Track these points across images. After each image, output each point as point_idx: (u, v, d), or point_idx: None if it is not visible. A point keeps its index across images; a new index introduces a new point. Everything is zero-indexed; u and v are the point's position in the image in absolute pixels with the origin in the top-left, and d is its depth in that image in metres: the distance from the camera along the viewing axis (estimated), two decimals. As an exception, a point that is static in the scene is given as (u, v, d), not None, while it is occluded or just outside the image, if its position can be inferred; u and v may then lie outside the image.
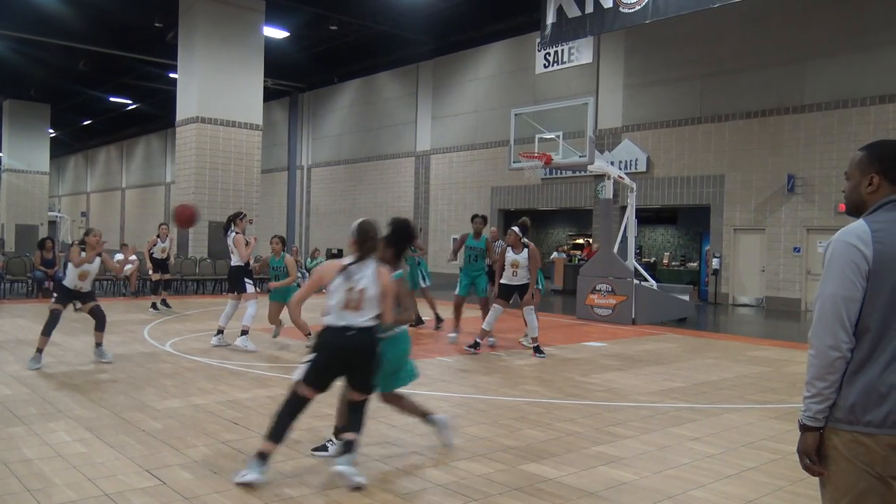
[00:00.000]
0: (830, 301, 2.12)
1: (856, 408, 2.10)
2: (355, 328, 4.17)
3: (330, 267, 4.30)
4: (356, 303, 4.18)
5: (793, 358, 9.61)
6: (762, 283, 17.95)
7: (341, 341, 4.19)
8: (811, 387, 2.16)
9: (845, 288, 2.10)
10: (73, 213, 53.25)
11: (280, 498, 3.93)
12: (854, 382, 2.11)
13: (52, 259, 15.60)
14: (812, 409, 2.17)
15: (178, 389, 6.63)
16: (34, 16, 21.57)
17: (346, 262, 4.27)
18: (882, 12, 15.87)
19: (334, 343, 4.22)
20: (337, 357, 4.25)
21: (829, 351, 2.11)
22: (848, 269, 2.11)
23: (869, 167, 2.24)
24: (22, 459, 4.45)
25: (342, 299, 4.18)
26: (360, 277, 4.20)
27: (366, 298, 4.20)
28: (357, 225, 4.33)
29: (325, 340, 4.27)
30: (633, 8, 15.03)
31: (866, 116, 16.04)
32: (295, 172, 33.79)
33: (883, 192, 2.21)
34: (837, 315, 2.10)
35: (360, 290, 4.18)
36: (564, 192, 22.51)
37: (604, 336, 11.30)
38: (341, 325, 4.18)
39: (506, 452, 4.88)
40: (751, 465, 4.78)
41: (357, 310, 4.18)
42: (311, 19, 23.24)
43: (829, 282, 2.14)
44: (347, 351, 4.22)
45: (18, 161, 36.00)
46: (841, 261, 2.13)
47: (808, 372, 2.18)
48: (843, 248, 2.14)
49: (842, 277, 2.11)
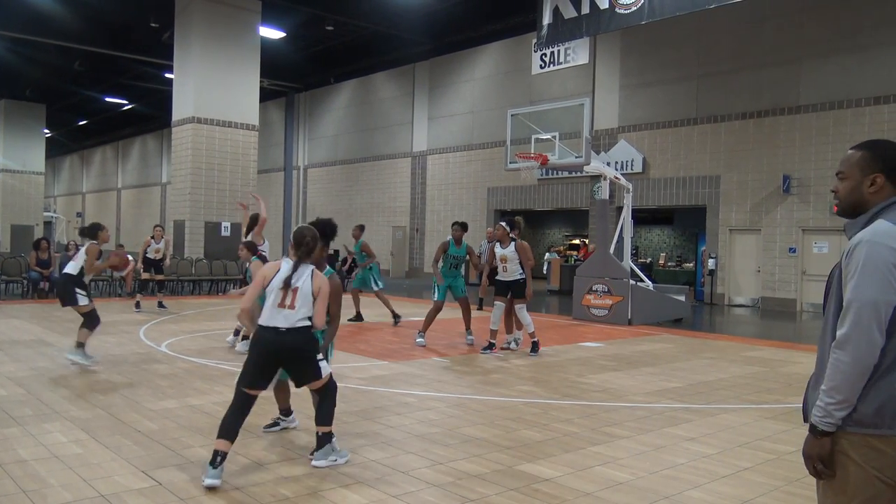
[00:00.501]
0: (872, 307, 2.01)
1: (883, 410, 2.04)
2: (286, 328, 4.26)
3: (272, 267, 4.42)
4: (291, 302, 4.29)
5: (789, 358, 9.63)
6: (758, 283, 17.99)
7: (273, 340, 4.27)
8: (837, 393, 2.07)
9: (886, 292, 2.01)
10: (68, 213, 53.11)
11: (276, 498, 3.93)
12: (880, 385, 2.05)
13: (48, 259, 15.55)
14: (835, 416, 2.08)
15: (174, 390, 6.62)
16: (30, 16, 21.52)
17: (284, 263, 4.43)
18: (877, 13, 15.92)
19: (266, 341, 4.29)
20: (270, 355, 4.32)
21: (868, 358, 2.02)
22: (889, 272, 2.01)
23: (871, 167, 2.17)
24: (17, 460, 4.44)
25: (277, 299, 4.29)
26: (297, 278, 4.33)
27: (299, 298, 4.30)
28: (295, 230, 4.51)
29: (259, 340, 4.33)
30: (629, 9, 15.06)
31: (861, 117, 16.10)
32: (291, 173, 33.77)
33: (885, 192, 2.15)
34: (878, 320, 2.01)
35: (294, 289, 4.30)
36: (561, 192, 22.53)
37: (600, 336, 11.32)
38: (273, 325, 4.27)
39: (502, 453, 4.88)
40: (747, 465, 4.79)
41: (291, 309, 4.28)
42: (308, 19, 23.23)
43: (867, 286, 2.03)
44: (280, 349, 4.29)
45: (14, 161, 35.89)
46: (881, 264, 2.02)
47: (834, 378, 2.07)
48: (881, 251, 2.02)
49: (882, 282, 2.01)
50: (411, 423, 5.62)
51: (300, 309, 4.29)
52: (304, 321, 4.31)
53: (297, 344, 4.30)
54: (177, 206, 21.34)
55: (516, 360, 8.92)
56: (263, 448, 4.84)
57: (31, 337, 9.75)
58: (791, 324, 14.83)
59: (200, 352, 8.86)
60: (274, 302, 4.28)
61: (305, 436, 5.14)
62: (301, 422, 5.40)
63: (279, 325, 4.25)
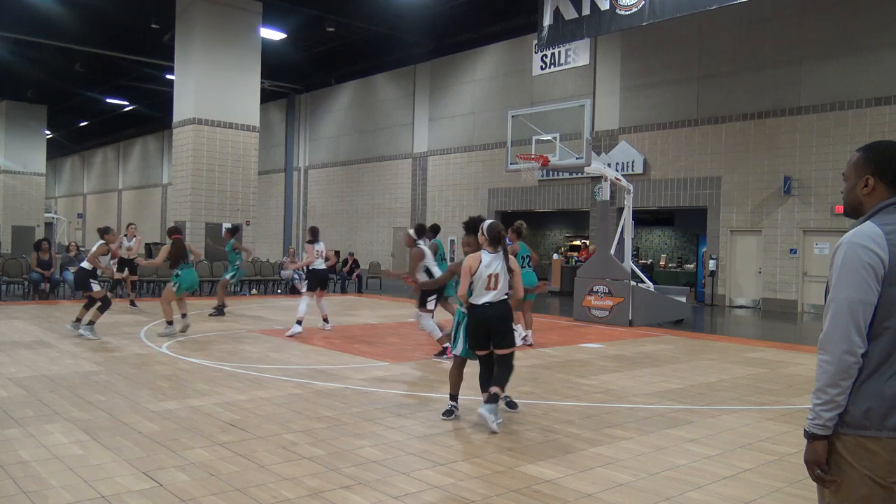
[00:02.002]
0: (847, 305, 2.06)
1: (871, 412, 2.05)
2: (492, 302, 5.48)
3: (475, 258, 5.53)
4: (494, 284, 5.49)
5: (790, 359, 9.62)
6: (759, 284, 17.98)
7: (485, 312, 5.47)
8: (822, 394, 2.09)
9: (861, 292, 2.05)
10: (69, 214, 53.18)
11: (277, 499, 3.92)
12: (869, 387, 2.07)
13: (49, 260, 15.56)
14: (823, 416, 2.10)
15: (175, 391, 6.62)
16: (31, 17, 21.55)
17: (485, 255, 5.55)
18: (878, 15, 15.92)
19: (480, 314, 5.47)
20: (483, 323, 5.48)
21: (846, 356, 2.05)
22: (864, 272, 2.05)
23: (864, 169, 2.22)
24: (18, 461, 4.44)
25: (485, 283, 5.48)
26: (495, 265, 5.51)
27: (500, 279, 5.51)
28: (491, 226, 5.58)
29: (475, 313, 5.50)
30: (630, 10, 15.07)
31: (862, 118, 16.09)
32: (292, 174, 33.79)
33: (879, 193, 2.19)
34: (854, 320, 2.05)
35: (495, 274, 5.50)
36: (561, 193, 22.53)
37: (601, 338, 11.31)
38: (483, 301, 5.47)
39: (503, 454, 4.88)
40: (748, 466, 4.79)
41: (494, 289, 5.48)
42: (308, 21, 23.25)
43: (843, 286, 2.08)
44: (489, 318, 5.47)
45: (15, 162, 35.94)
46: (856, 264, 2.06)
47: (820, 379, 2.10)
48: (857, 250, 2.07)
49: (858, 281, 2.05)
50: (412, 425, 5.62)
51: (501, 287, 5.46)
52: (503, 296, 5.49)
53: (502, 314, 5.49)
54: (178, 207, 21.35)
55: (517, 361, 8.90)
56: (265, 449, 4.84)
57: (32, 338, 9.75)
58: (792, 325, 14.82)
59: (201, 353, 8.86)
60: (482, 285, 5.44)
61: (306, 437, 5.14)
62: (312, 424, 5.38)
63: (489, 300, 5.43)
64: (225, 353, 8.92)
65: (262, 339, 9.86)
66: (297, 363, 8.33)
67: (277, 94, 32.57)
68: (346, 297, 18.99)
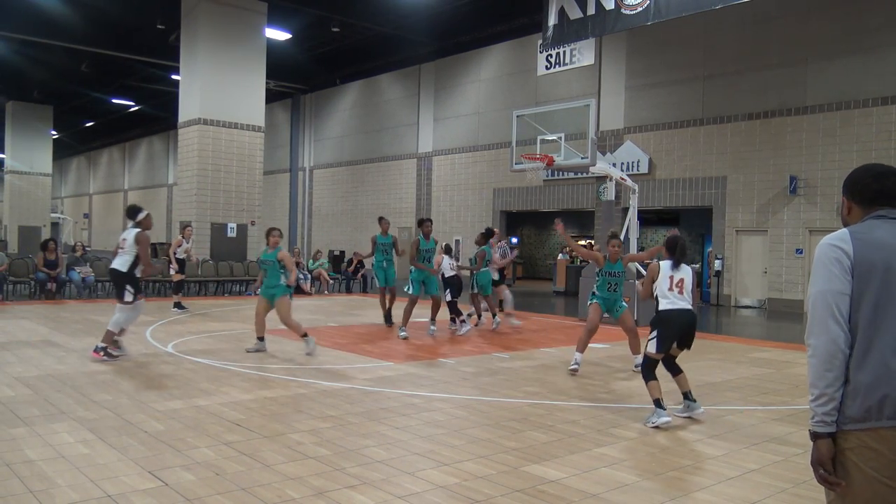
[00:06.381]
0: (820, 297, 2.17)
1: (869, 405, 2.07)
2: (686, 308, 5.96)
3: (657, 267, 6.11)
4: (680, 289, 5.99)
5: (795, 360, 9.59)
6: (764, 284, 17.93)
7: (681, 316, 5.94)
8: (814, 388, 2.15)
9: (831, 283, 2.16)
10: (75, 214, 53.39)
11: (282, 499, 3.93)
12: (859, 378, 2.09)
13: (55, 260, 15.61)
14: (818, 412, 2.13)
15: (181, 391, 6.64)
16: (37, 18, 21.63)
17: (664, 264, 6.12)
18: (883, 14, 15.86)
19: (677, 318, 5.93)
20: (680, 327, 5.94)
21: (826, 345, 2.13)
22: (832, 265, 2.17)
23: (844, 193, 2.39)
24: (24, 461, 4.46)
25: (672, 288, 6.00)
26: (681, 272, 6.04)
27: (686, 286, 6.01)
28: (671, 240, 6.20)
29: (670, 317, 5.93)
30: (635, 9, 15.03)
31: (868, 118, 16.03)
32: (297, 174, 33.84)
33: (855, 213, 2.33)
34: (828, 310, 2.14)
35: (680, 280, 6.02)
36: (566, 193, 22.51)
37: (606, 338, 11.29)
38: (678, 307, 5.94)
39: (508, 454, 4.88)
40: (753, 466, 4.78)
41: (681, 294, 5.98)
42: (313, 21, 23.28)
43: (816, 281, 2.21)
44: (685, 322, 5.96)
45: (21, 163, 36.09)
46: (824, 259, 2.20)
47: (810, 373, 2.17)
48: (825, 248, 2.22)
49: (827, 274, 2.17)
50: (417, 425, 5.63)
51: (687, 294, 5.95)
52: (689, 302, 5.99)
53: (693, 318, 6.01)
54: (183, 207, 21.40)
55: (521, 361, 8.92)
56: (270, 449, 4.85)
57: (39, 338, 9.79)
58: (798, 325, 14.77)
59: (207, 352, 8.88)
60: (670, 291, 5.95)
61: (311, 437, 5.15)
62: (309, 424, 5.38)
63: (683, 306, 5.93)
64: (230, 352, 8.94)
65: (268, 339, 9.86)
66: (303, 363, 8.34)
67: (282, 95, 32.62)
68: (351, 297, 19.02)
